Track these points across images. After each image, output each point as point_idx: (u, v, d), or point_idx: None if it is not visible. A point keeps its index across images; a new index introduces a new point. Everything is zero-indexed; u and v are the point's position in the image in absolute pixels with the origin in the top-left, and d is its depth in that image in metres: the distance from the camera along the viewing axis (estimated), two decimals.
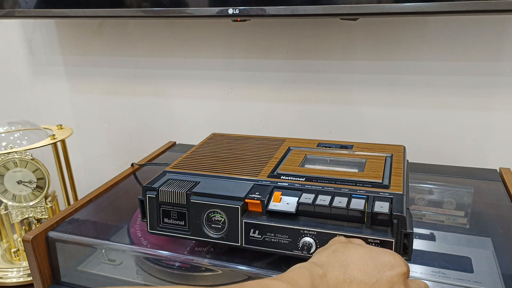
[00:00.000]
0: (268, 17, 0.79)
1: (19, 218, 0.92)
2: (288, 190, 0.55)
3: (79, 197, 1.01)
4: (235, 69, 1.01)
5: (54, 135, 0.93)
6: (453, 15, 0.82)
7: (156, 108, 1.11)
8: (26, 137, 0.94)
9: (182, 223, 0.56)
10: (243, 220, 0.53)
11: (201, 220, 0.54)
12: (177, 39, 1.03)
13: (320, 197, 0.52)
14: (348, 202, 0.51)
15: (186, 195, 0.54)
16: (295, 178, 0.58)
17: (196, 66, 1.04)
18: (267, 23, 0.95)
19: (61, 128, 1.00)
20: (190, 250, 0.59)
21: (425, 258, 0.56)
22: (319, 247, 0.50)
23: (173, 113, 1.10)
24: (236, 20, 0.84)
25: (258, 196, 0.53)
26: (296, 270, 0.37)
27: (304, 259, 0.54)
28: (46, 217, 0.94)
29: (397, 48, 0.88)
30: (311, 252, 0.50)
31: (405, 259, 0.47)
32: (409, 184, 0.77)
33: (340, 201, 0.51)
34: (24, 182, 0.90)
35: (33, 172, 0.90)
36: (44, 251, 0.66)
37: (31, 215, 0.93)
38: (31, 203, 0.92)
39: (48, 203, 0.93)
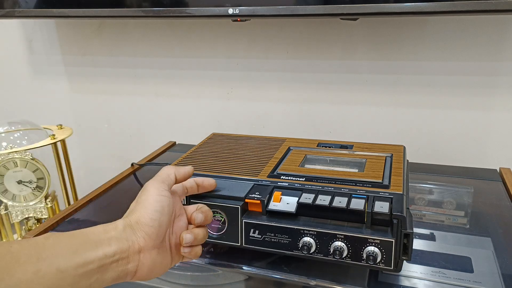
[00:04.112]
0: (268, 17, 0.79)
1: (19, 218, 0.92)
2: (288, 190, 0.55)
3: (79, 197, 1.01)
4: (235, 69, 1.01)
5: (54, 135, 0.93)
6: (453, 15, 0.82)
7: (156, 108, 1.11)
8: (26, 137, 0.94)
9: None
10: (243, 220, 0.53)
11: None
12: (177, 39, 1.03)
13: (320, 197, 0.52)
14: (348, 202, 0.51)
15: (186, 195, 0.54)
16: (295, 178, 0.58)
17: (196, 66, 1.04)
18: (267, 23, 0.95)
19: (61, 128, 1.00)
20: None
21: (425, 258, 0.56)
22: (319, 247, 0.50)
23: (173, 113, 1.10)
24: (236, 20, 0.84)
25: (258, 196, 0.53)
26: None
27: (304, 259, 0.54)
28: (46, 217, 0.94)
29: (397, 48, 0.88)
30: (311, 252, 0.50)
31: (405, 259, 0.48)
32: (409, 184, 0.77)
33: (340, 201, 0.51)
34: (24, 182, 0.90)
35: (33, 172, 0.90)
36: None
37: (31, 215, 0.93)
38: (31, 203, 0.92)
39: (48, 203, 0.93)
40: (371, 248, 0.48)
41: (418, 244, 0.59)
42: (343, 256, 0.49)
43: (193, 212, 0.47)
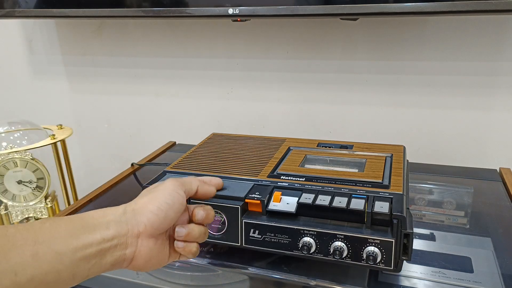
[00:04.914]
0: (268, 17, 0.79)
1: (19, 218, 0.92)
2: (288, 190, 0.55)
3: (79, 197, 1.01)
4: (235, 69, 1.01)
5: (54, 135, 0.93)
6: (453, 15, 0.82)
7: (156, 108, 1.11)
8: (26, 137, 0.94)
9: None
10: (243, 220, 0.53)
11: None
12: (177, 39, 1.03)
13: (320, 197, 0.52)
14: (348, 202, 0.51)
15: None
16: (295, 178, 0.58)
17: (196, 66, 1.04)
18: (267, 23, 0.95)
19: (61, 128, 1.00)
20: None
21: (425, 258, 0.56)
22: (319, 247, 0.50)
23: (173, 113, 1.10)
24: (236, 20, 0.84)
25: (258, 196, 0.53)
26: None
27: (304, 259, 0.54)
28: (46, 217, 0.94)
29: (397, 48, 0.88)
30: (311, 252, 0.50)
31: (405, 259, 0.48)
32: (409, 184, 0.77)
33: (340, 201, 0.51)
34: (24, 182, 0.90)
35: (33, 172, 0.90)
36: None
37: (31, 215, 0.93)
38: (31, 203, 0.92)
39: (48, 203, 0.93)
40: (371, 248, 0.48)
41: (418, 244, 0.59)
42: (343, 256, 0.49)
43: (195, 208, 0.47)
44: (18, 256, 0.33)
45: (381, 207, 0.49)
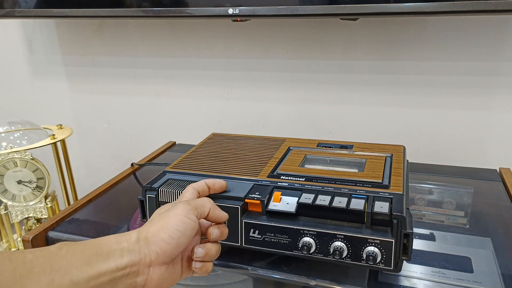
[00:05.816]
0: (268, 17, 0.79)
1: (19, 218, 0.92)
2: (288, 190, 0.55)
3: (79, 197, 1.01)
4: (235, 69, 1.01)
5: (54, 135, 0.93)
6: (453, 15, 0.82)
7: (156, 108, 1.11)
8: (26, 137, 0.94)
9: None
10: (243, 220, 0.53)
11: None
12: (177, 39, 1.03)
13: (320, 197, 0.52)
14: (348, 202, 0.51)
15: None
16: (295, 178, 0.58)
17: (196, 66, 1.04)
18: (267, 23, 0.95)
19: (61, 128, 1.00)
20: None
21: (425, 258, 0.56)
22: (319, 247, 0.50)
23: (173, 113, 1.10)
24: (236, 20, 0.84)
25: (258, 196, 0.53)
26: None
27: (304, 259, 0.54)
28: (46, 217, 0.94)
29: (397, 48, 0.88)
30: (311, 252, 0.50)
31: (404, 259, 0.48)
32: (409, 184, 0.77)
33: (340, 201, 0.51)
34: (24, 182, 0.90)
35: (33, 172, 0.90)
36: None
37: (31, 215, 0.93)
38: (31, 203, 0.92)
39: (48, 203, 0.93)
40: (371, 248, 0.48)
41: (418, 244, 0.59)
42: (343, 256, 0.49)
43: (208, 227, 0.47)
44: (34, 283, 0.34)
45: (381, 207, 0.49)
